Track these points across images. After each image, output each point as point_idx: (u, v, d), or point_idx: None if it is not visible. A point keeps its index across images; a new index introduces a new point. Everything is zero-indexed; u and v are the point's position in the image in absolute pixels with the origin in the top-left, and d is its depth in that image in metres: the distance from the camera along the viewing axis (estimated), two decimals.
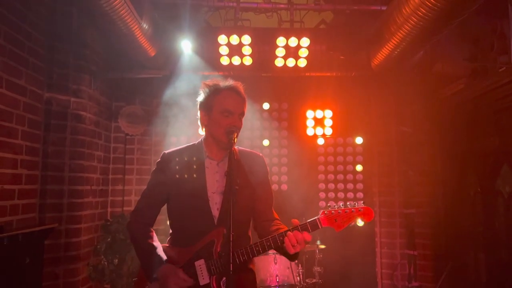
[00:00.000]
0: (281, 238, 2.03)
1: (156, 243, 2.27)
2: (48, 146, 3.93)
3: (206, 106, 2.28)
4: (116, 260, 4.40)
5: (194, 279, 2.13)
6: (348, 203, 2.09)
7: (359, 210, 2.06)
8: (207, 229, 2.18)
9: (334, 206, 2.08)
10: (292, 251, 1.99)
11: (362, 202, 2.08)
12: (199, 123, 2.36)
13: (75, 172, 4.10)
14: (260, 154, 2.44)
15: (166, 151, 2.37)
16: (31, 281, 3.51)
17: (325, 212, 2.07)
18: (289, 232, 2.02)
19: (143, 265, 2.25)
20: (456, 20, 3.32)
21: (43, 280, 3.75)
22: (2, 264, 3.07)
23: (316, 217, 2.07)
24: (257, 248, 2.08)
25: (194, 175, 2.25)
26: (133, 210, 2.36)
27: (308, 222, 2.06)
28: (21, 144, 3.49)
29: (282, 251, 2.13)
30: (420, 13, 3.26)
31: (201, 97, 2.32)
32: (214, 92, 2.26)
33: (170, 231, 2.38)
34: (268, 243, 2.06)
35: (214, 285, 2.12)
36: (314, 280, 4.49)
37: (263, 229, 2.31)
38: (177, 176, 2.26)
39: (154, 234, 2.32)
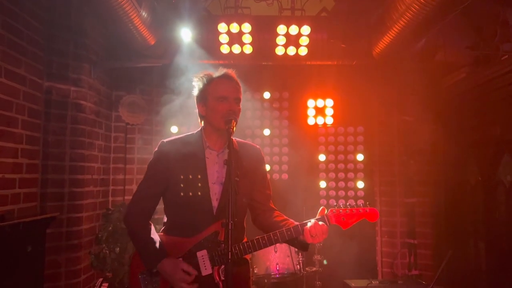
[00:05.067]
0: (302, 227, 2.09)
1: (155, 236, 2.24)
2: (49, 136, 3.93)
3: (202, 97, 2.29)
4: (118, 248, 4.43)
5: (196, 270, 2.13)
6: (355, 203, 2.20)
7: (366, 211, 2.16)
8: (206, 219, 2.18)
9: (341, 205, 2.17)
10: (310, 240, 2.05)
11: (367, 203, 2.19)
12: (198, 116, 2.36)
13: (75, 161, 4.11)
14: (258, 146, 2.45)
15: (164, 140, 2.34)
16: (33, 269, 3.54)
17: (333, 210, 2.14)
18: (309, 223, 2.07)
19: (142, 258, 2.22)
20: (458, 8, 3.28)
21: (45, 269, 3.78)
22: (3, 253, 3.09)
23: (324, 214, 2.13)
24: (275, 237, 2.11)
25: (195, 165, 2.24)
26: (130, 202, 2.33)
27: (317, 218, 2.11)
28: (22, 133, 3.50)
29: (295, 241, 2.17)
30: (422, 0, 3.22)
31: (196, 90, 2.32)
32: (208, 82, 2.27)
33: (165, 219, 2.37)
34: (289, 232, 2.10)
35: (217, 275, 2.13)
36: (314, 269, 4.53)
37: (266, 219, 2.33)
38: (176, 165, 2.23)
39: (153, 227, 2.29)
